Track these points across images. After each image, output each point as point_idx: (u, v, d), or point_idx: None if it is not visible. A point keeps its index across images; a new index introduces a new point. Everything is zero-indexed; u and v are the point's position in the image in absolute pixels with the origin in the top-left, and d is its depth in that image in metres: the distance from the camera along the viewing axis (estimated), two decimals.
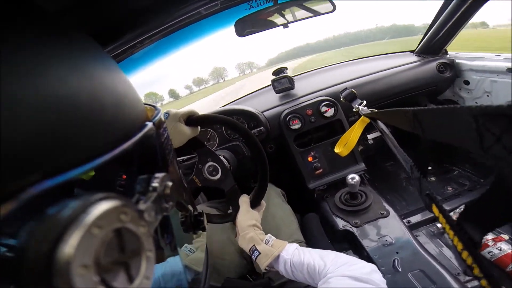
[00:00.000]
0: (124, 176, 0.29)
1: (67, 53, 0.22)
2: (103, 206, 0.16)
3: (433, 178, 1.52)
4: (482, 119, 0.16)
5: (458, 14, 1.15)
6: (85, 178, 0.21)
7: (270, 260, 0.59)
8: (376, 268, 0.49)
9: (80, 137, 0.20)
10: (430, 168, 1.56)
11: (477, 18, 1.16)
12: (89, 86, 0.23)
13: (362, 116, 0.71)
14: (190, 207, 0.44)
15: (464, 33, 1.30)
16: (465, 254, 0.21)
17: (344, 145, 0.74)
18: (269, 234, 0.64)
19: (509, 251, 0.92)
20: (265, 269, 0.62)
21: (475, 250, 0.20)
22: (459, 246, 0.22)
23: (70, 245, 0.14)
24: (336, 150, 0.78)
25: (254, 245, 0.63)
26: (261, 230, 0.68)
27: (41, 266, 0.14)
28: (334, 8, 0.96)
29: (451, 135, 0.22)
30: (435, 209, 0.28)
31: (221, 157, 0.83)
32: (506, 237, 1.01)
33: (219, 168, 0.79)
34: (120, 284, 0.17)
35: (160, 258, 0.31)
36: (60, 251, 0.14)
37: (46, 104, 0.18)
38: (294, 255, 0.59)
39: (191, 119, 0.71)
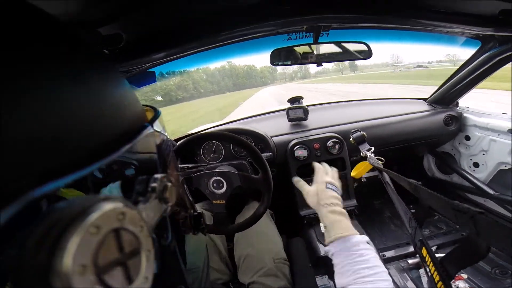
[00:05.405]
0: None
1: (62, 56, 0.23)
2: (102, 207, 0.17)
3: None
4: (455, 210, 0.29)
5: (479, 71, 1.23)
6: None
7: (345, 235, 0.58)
8: None
9: (78, 139, 0.21)
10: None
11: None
12: (87, 89, 0.23)
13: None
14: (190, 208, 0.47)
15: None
16: (439, 284, 0.34)
17: (359, 171, 0.88)
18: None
19: None
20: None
21: (448, 281, 0.33)
22: (437, 278, 0.35)
23: (69, 245, 0.15)
24: (352, 174, 0.91)
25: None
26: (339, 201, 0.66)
27: (39, 266, 0.14)
28: (371, 54, 1.02)
29: (439, 207, 0.37)
30: (424, 251, 0.41)
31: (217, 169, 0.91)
32: (465, 276, 1.20)
33: (222, 180, 0.87)
34: (119, 285, 0.17)
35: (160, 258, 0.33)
36: (59, 251, 0.14)
37: (43, 107, 0.19)
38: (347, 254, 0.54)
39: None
